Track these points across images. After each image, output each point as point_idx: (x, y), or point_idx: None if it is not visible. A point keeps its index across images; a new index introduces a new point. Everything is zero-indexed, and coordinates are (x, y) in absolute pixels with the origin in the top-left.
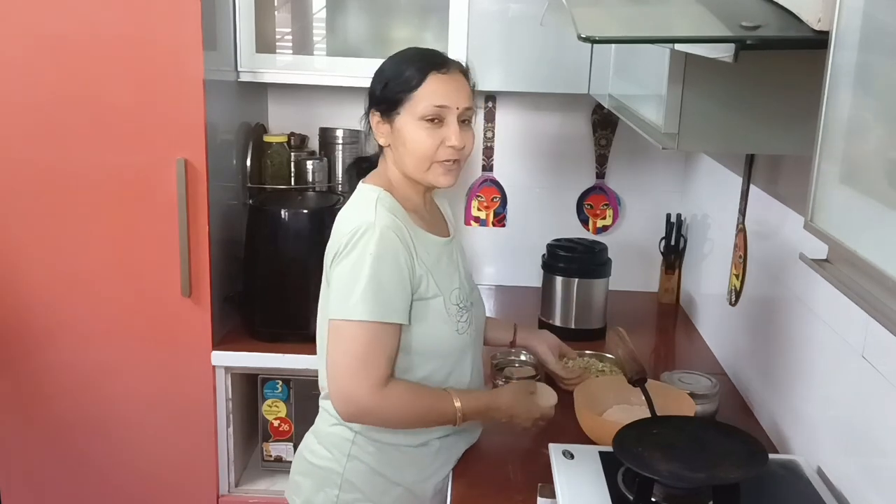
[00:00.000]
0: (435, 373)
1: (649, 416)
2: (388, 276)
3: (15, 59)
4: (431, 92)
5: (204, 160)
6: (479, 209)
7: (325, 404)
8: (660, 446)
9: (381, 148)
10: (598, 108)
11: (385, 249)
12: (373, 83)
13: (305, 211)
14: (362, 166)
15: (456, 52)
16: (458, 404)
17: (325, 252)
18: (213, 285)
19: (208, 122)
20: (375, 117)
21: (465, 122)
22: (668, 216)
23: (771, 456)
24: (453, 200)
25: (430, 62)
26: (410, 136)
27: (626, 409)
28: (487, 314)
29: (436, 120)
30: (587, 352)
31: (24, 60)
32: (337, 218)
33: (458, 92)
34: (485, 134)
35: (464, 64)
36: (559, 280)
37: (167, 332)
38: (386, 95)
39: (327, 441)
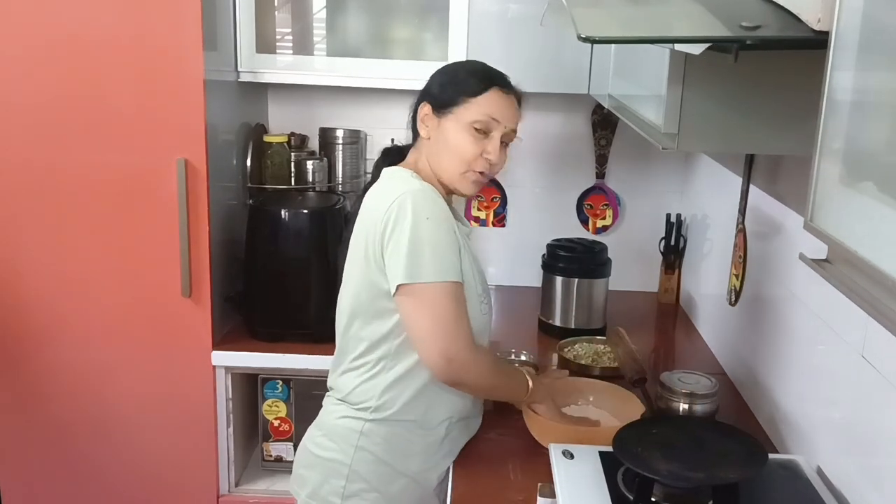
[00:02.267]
0: None
1: (599, 416)
2: (447, 237)
3: (15, 60)
4: (489, 103)
5: (204, 160)
6: (479, 209)
7: (329, 398)
8: (659, 446)
9: (414, 140)
10: (598, 108)
11: (438, 212)
12: (432, 79)
13: (305, 211)
14: (393, 155)
15: (456, 52)
16: (530, 383)
17: (361, 225)
18: (213, 285)
19: (208, 122)
20: (426, 109)
21: (504, 144)
22: (668, 216)
23: (770, 456)
24: (454, 199)
25: (497, 78)
26: (455, 137)
27: (576, 409)
28: None
29: (483, 130)
30: (598, 337)
31: (24, 61)
32: (367, 200)
33: (511, 112)
34: None
35: (521, 94)
36: (559, 280)
37: (167, 332)
38: (444, 93)
39: (334, 433)
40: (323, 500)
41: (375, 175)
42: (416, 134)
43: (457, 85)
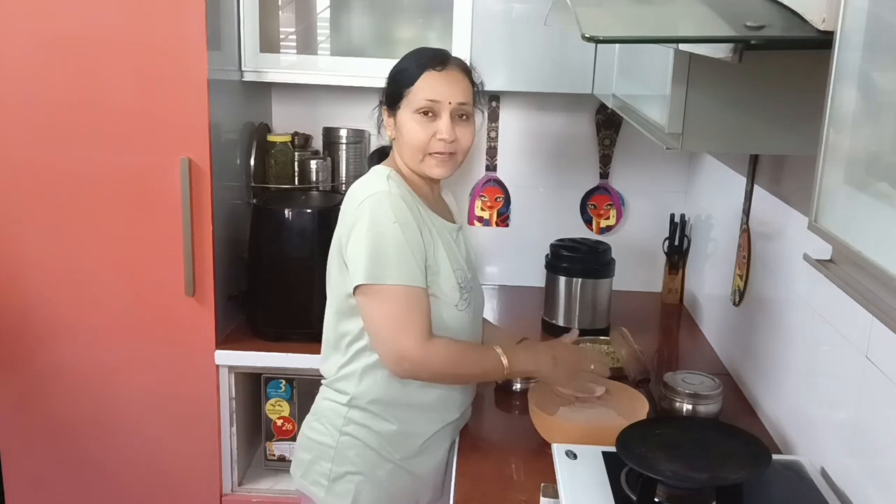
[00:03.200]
0: None
1: (605, 415)
2: (408, 242)
3: (19, 60)
4: (425, 87)
5: (208, 160)
6: (482, 209)
7: (322, 383)
8: (663, 446)
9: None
10: (602, 108)
11: (404, 217)
12: (386, 80)
13: (309, 210)
14: (383, 154)
15: (460, 52)
16: (505, 362)
17: (338, 225)
18: (216, 285)
19: (212, 121)
20: (385, 112)
21: (462, 117)
22: (672, 216)
23: (774, 456)
24: (456, 200)
25: (430, 60)
26: (406, 127)
27: (578, 408)
28: (489, 315)
29: (429, 113)
30: (601, 338)
31: (28, 61)
32: (347, 194)
33: (452, 87)
34: (488, 134)
35: (467, 62)
36: (562, 280)
37: (171, 331)
38: (391, 91)
39: (323, 417)
40: (313, 481)
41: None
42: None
43: (396, 79)
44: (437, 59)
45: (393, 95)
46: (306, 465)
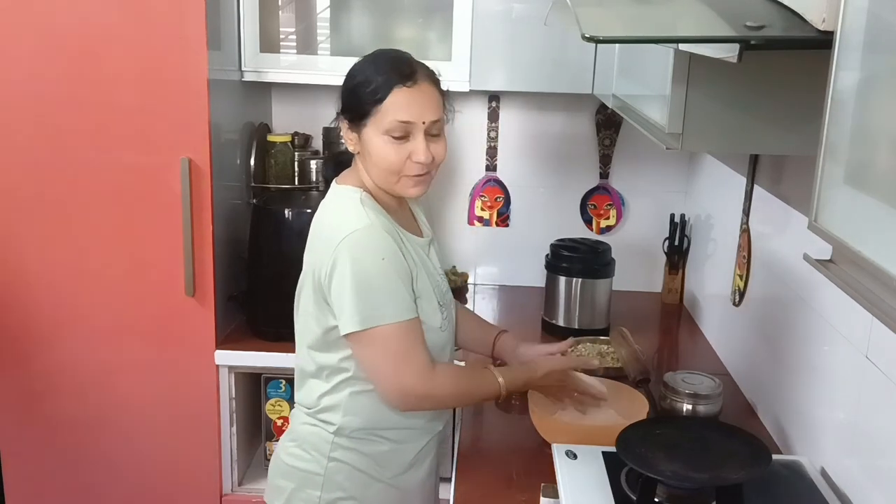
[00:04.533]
0: None
1: (605, 415)
2: (398, 274)
3: (19, 59)
4: (396, 107)
5: (208, 159)
6: (482, 209)
7: (298, 408)
8: (663, 446)
9: None
10: (602, 108)
11: (389, 250)
12: (342, 87)
13: (309, 210)
14: (339, 160)
15: (460, 52)
16: (500, 379)
17: (311, 255)
18: (216, 285)
19: (212, 121)
20: (344, 124)
21: (434, 134)
22: (672, 216)
23: (774, 456)
24: (456, 200)
25: (397, 73)
26: (376, 149)
27: (578, 408)
28: (489, 314)
29: (401, 135)
30: (601, 338)
31: (28, 61)
32: (319, 221)
33: (424, 105)
34: (488, 134)
35: (435, 71)
36: (562, 280)
37: (171, 331)
38: (353, 105)
39: (306, 443)
40: None
41: (325, 182)
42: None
43: (359, 93)
44: (405, 72)
45: (355, 110)
46: (289, 493)
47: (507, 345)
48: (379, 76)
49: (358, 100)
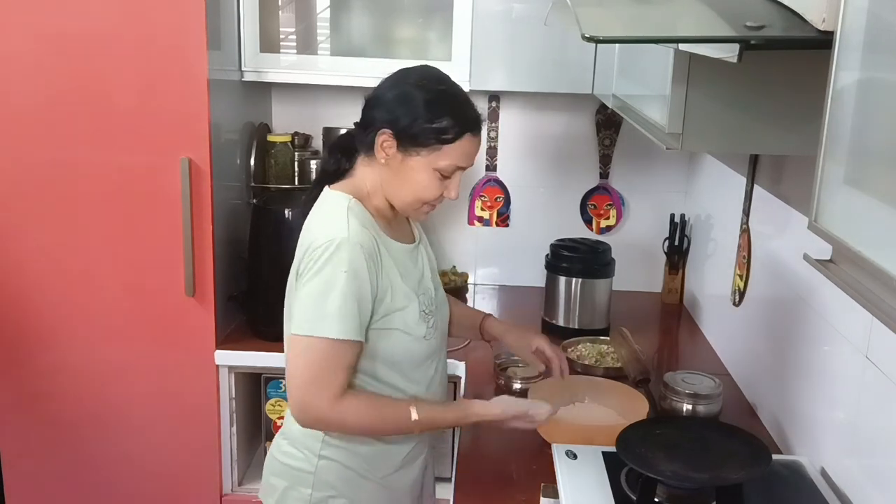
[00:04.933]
0: (399, 378)
1: (605, 415)
2: (356, 294)
3: (19, 58)
4: (461, 152)
5: (208, 159)
6: (482, 209)
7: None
8: (663, 446)
9: (360, 141)
10: (602, 108)
11: (356, 267)
12: (398, 106)
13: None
14: (347, 146)
15: (460, 52)
16: (414, 417)
17: (296, 259)
18: (216, 284)
19: (212, 121)
20: (387, 137)
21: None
22: (672, 216)
23: (774, 456)
24: (456, 200)
25: (469, 120)
26: (418, 180)
27: (580, 407)
28: (489, 313)
29: (450, 176)
30: (601, 338)
31: (28, 59)
32: (306, 227)
33: (476, 152)
34: (489, 134)
35: (484, 119)
36: (562, 280)
37: (171, 331)
38: (413, 133)
39: (298, 442)
40: None
41: (331, 160)
42: (362, 137)
43: (427, 127)
44: (478, 122)
45: (415, 138)
46: (281, 492)
47: (494, 331)
48: (450, 116)
49: (422, 132)
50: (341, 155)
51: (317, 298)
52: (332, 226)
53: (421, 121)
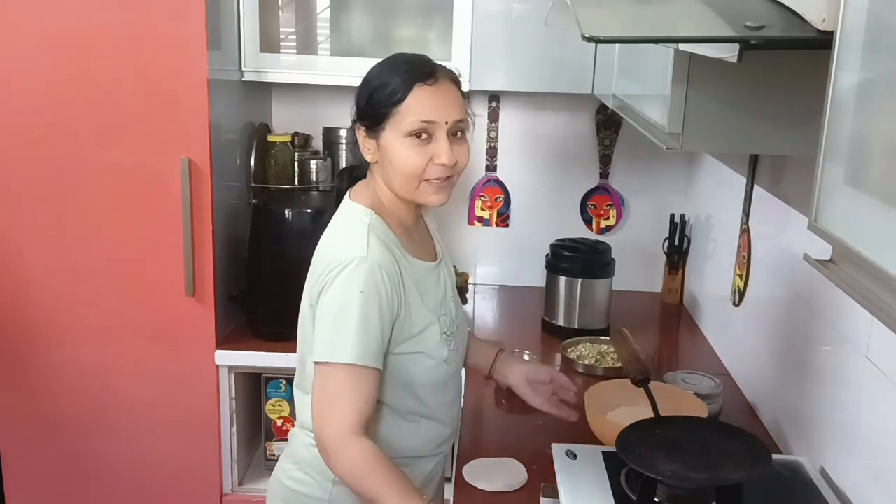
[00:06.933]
0: (416, 402)
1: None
2: (374, 318)
3: (19, 58)
4: (417, 106)
5: (208, 159)
6: (482, 209)
7: (299, 430)
8: (663, 447)
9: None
10: (602, 108)
11: (374, 288)
12: (358, 94)
13: (309, 210)
14: (353, 175)
15: (460, 52)
16: None
17: (311, 275)
18: (216, 284)
19: (212, 121)
20: (361, 132)
21: (456, 134)
22: (672, 216)
23: (774, 456)
24: (456, 200)
25: (417, 72)
26: (397, 153)
27: (634, 409)
28: (489, 314)
29: (423, 135)
30: (601, 338)
31: (28, 59)
32: (325, 240)
33: (447, 104)
34: (488, 134)
35: (455, 71)
36: (562, 280)
37: (171, 331)
38: (370, 110)
39: (309, 467)
40: None
41: (338, 199)
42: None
43: (376, 96)
44: (426, 70)
45: (373, 115)
46: None
47: (500, 371)
48: (397, 77)
49: (375, 104)
50: (349, 177)
51: (336, 323)
52: (352, 246)
53: (372, 98)
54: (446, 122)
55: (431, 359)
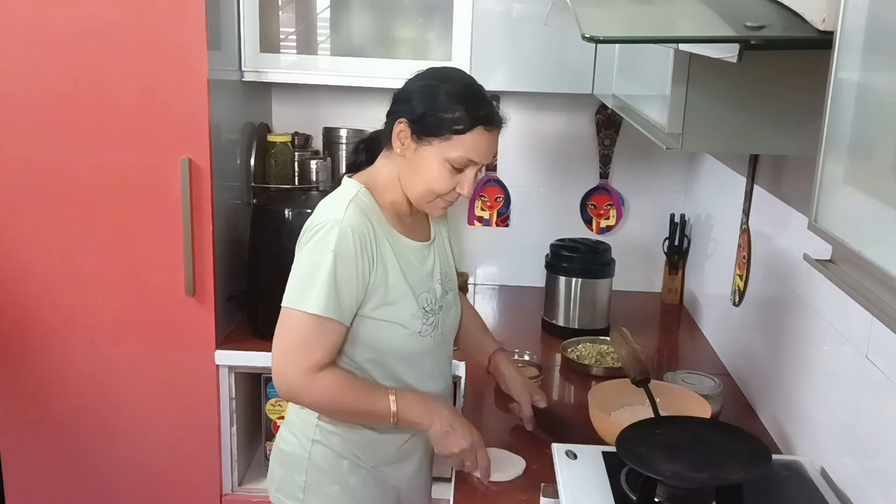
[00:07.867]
0: (393, 370)
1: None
2: (345, 276)
3: (19, 58)
4: (471, 145)
5: (208, 160)
6: (482, 209)
7: None
8: (663, 446)
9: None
10: (602, 108)
11: (346, 249)
12: (416, 96)
13: (309, 211)
14: (371, 148)
15: (460, 51)
16: (393, 408)
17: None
18: (216, 284)
19: (212, 121)
20: (403, 126)
21: (480, 169)
22: (672, 216)
23: (774, 456)
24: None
25: (485, 114)
26: (430, 169)
27: (638, 409)
28: (489, 314)
29: (459, 168)
30: (601, 338)
31: (28, 59)
32: (317, 207)
33: (491, 150)
34: None
35: (505, 121)
36: (562, 280)
37: (171, 331)
38: (427, 121)
39: (295, 427)
40: (288, 494)
41: (350, 168)
42: (385, 129)
43: (441, 116)
44: (492, 116)
45: (428, 128)
46: (280, 478)
47: (497, 370)
48: (465, 107)
49: (435, 122)
50: (364, 148)
51: (304, 275)
52: (331, 209)
53: (436, 110)
54: (480, 164)
55: (405, 328)
